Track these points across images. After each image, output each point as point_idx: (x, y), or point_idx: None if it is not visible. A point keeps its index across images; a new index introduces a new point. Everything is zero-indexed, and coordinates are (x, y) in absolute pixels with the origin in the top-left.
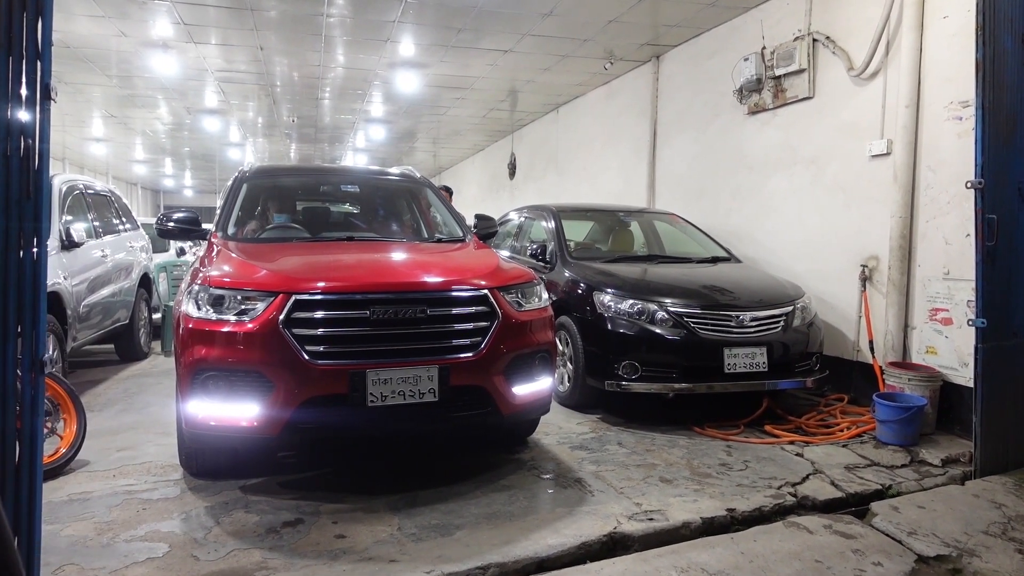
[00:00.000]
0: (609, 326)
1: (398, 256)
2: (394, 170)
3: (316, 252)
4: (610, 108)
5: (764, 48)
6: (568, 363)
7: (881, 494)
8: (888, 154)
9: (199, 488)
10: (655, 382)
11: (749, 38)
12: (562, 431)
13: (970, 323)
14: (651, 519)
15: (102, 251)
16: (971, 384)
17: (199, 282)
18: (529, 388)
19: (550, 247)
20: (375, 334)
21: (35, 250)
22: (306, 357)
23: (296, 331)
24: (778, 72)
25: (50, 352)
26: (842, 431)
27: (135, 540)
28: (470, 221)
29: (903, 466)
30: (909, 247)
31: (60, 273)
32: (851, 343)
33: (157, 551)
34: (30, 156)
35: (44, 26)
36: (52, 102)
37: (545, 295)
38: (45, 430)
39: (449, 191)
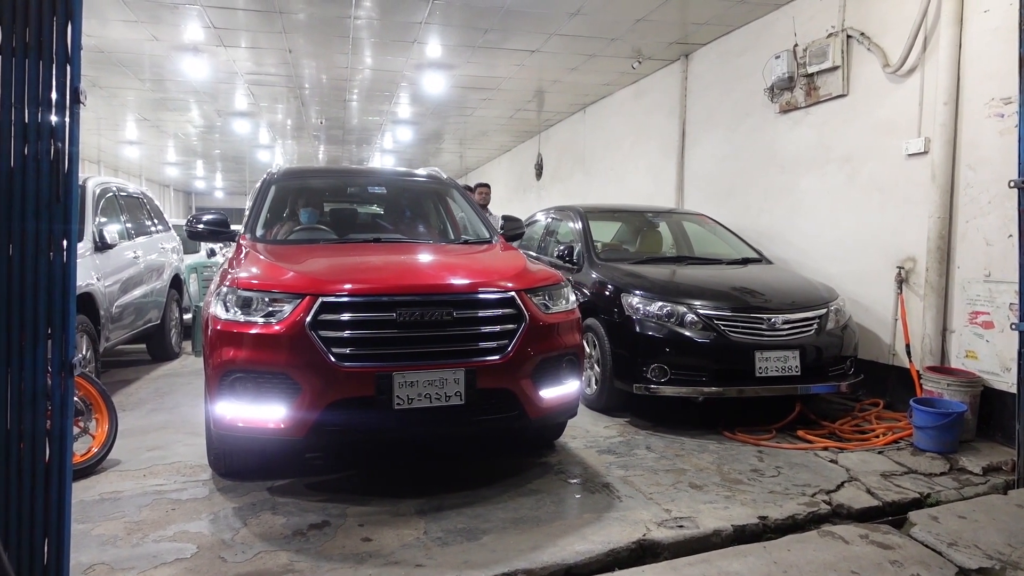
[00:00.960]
0: (637, 328)
1: (425, 258)
2: (421, 171)
3: (343, 254)
4: (638, 108)
5: (796, 45)
6: (595, 366)
7: (919, 503)
8: (926, 153)
9: (227, 489)
10: (684, 385)
11: (780, 35)
12: (589, 435)
13: (1013, 327)
14: (681, 526)
15: (134, 252)
16: (1014, 390)
17: (227, 284)
18: (556, 391)
19: (577, 248)
20: (402, 336)
21: (65, 253)
22: (333, 359)
23: (323, 333)
24: (811, 70)
25: (83, 352)
26: (878, 437)
27: (164, 540)
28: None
29: (942, 474)
30: (948, 248)
31: (93, 274)
32: (887, 347)
33: (185, 552)
34: (60, 159)
35: (74, 30)
36: (82, 106)
37: (572, 297)
38: (77, 429)
39: (487, 187)
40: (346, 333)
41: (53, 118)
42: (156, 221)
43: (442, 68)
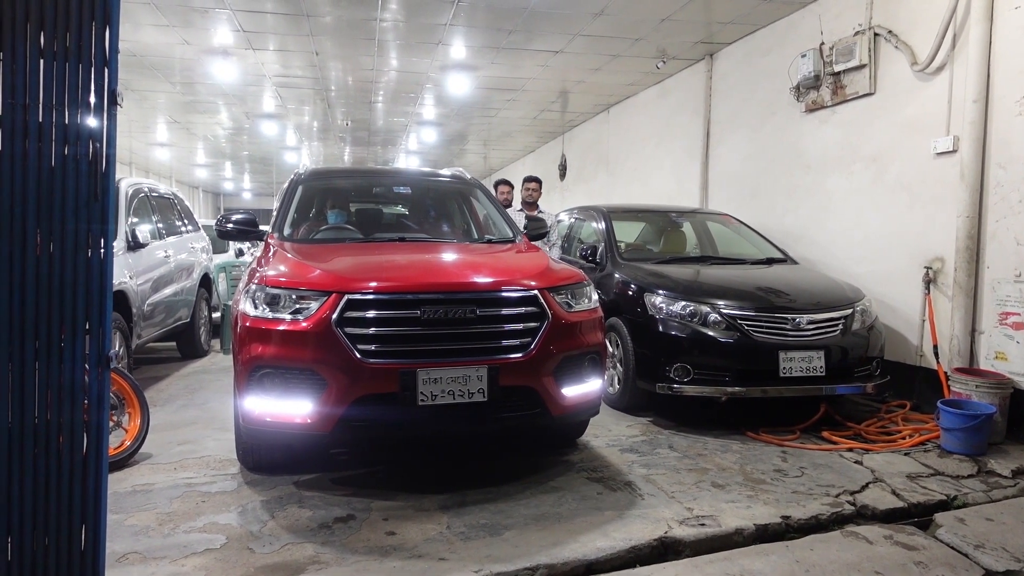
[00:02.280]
0: (660, 328)
1: (449, 257)
2: (445, 171)
3: (368, 253)
4: (662, 107)
5: (822, 44)
6: (618, 365)
7: (946, 505)
8: (954, 151)
9: (255, 482)
10: (707, 385)
11: (806, 34)
12: (612, 433)
13: None
14: (703, 524)
15: (165, 252)
16: None
17: (256, 282)
18: (578, 389)
19: (600, 248)
20: (426, 334)
21: (102, 250)
22: (358, 356)
23: (349, 330)
24: (837, 68)
25: (116, 348)
26: (904, 439)
27: (194, 531)
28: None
29: (970, 476)
30: (977, 248)
31: (126, 273)
32: (914, 348)
33: (215, 543)
34: (98, 160)
35: (111, 34)
36: (119, 108)
37: (595, 296)
38: (111, 423)
39: (538, 181)
40: (371, 330)
41: (91, 120)
42: (186, 221)
43: (466, 69)
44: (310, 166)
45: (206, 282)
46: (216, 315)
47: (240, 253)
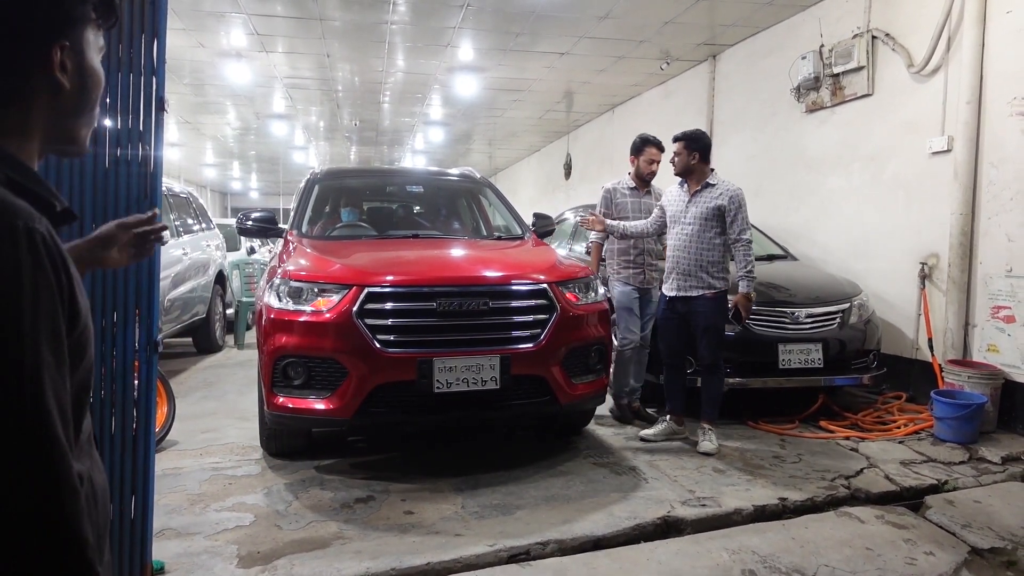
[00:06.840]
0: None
1: (461, 252)
2: (454, 171)
3: (384, 248)
4: (666, 108)
5: (822, 46)
6: None
7: (936, 489)
8: (949, 151)
9: (278, 467)
10: None
11: (807, 36)
12: (617, 422)
13: None
14: (704, 505)
15: (183, 249)
16: None
17: (279, 276)
18: (586, 379)
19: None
20: (441, 324)
21: None
22: (378, 345)
23: (368, 321)
24: (836, 70)
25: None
26: (899, 428)
27: (224, 510)
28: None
29: (961, 463)
30: (970, 244)
31: None
32: (910, 341)
33: (244, 520)
34: (147, 161)
35: (159, 46)
36: (165, 113)
37: (601, 290)
38: None
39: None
40: (389, 321)
41: (141, 124)
42: (201, 220)
43: (474, 71)
44: (325, 166)
45: (220, 279)
46: (230, 311)
47: (251, 251)
